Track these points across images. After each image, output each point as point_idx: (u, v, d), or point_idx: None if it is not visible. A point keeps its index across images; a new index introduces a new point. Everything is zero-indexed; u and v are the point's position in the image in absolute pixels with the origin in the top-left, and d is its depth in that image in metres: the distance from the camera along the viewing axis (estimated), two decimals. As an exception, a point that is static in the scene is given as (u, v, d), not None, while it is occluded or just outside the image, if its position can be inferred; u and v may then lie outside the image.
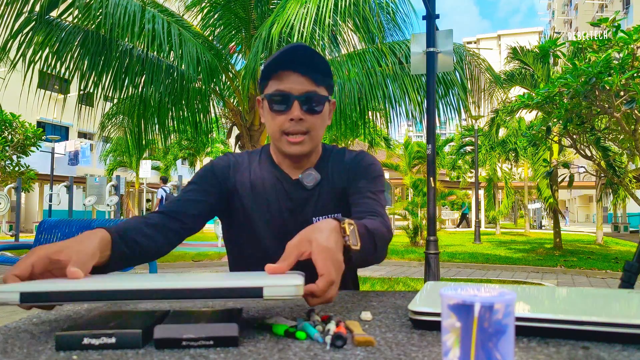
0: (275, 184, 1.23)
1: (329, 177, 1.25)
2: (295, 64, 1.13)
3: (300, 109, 1.12)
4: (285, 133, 1.15)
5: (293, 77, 1.13)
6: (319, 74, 1.15)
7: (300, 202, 1.22)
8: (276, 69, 1.14)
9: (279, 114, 1.14)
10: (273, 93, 1.14)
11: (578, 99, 4.47)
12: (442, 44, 4.99)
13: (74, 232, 5.52)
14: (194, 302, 0.63)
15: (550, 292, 0.89)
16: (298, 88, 1.13)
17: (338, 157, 1.29)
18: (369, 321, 0.72)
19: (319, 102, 1.15)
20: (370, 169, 1.25)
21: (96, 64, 5.95)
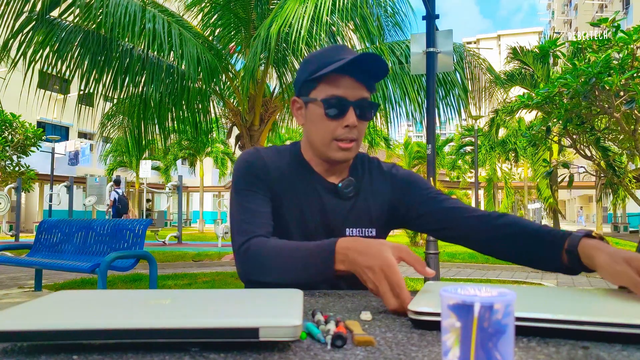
0: (309, 186, 1.18)
1: (368, 188, 1.21)
2: (353, 71, 1.09)
3: (355, 116, 1.10)
4: (336, 139, 1.12)
5: (348, 82, 1.10)
6: (372, 80, 1.13)
7: (334, 210, 1.17)
8: (330, 73, 1.09)
9: (333, 120, 1.11)
10: (329, 98, 1.10)
11: (578, 99, 4.47)
12: (442, 44, 4.99)
13: (74, 232, 5.52)
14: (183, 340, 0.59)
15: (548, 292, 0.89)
16: (354, 94, 1.10)
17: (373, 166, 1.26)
18: (368, 321, 0.72)
19: (371, 109, 1.13)
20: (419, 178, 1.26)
21: (97, 63, 5.95)
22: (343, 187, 1.17)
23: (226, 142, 23.88)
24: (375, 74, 1.12)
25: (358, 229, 1.18)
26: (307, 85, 1.15)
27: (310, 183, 1.18)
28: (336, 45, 1.16)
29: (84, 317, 0.61)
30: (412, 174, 1.27)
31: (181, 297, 0.72)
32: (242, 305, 0.67)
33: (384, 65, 1.09)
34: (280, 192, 1.16)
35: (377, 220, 1.20)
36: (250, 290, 0.85)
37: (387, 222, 1.22)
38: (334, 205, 1.18)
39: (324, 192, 1.18)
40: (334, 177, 1.20)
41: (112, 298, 0.72)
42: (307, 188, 1.18)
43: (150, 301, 0.69)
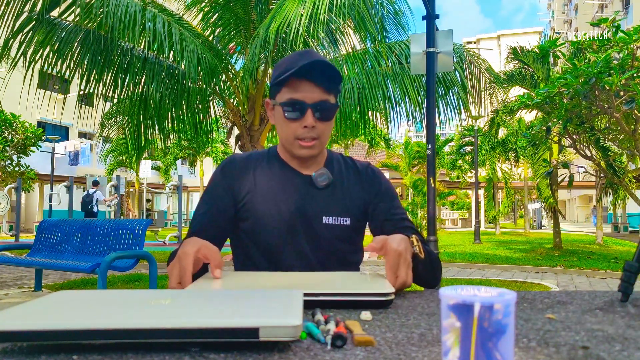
0: (285, 180, 1.26)
1: (342, 181, 1.29)
2: (310, 73, 1.16)
3: (313, 117, 1.18)
4: (297, 138, 1.21)
5: (307, 86, 1.17)
6: (330, 82, 1.19)
7: (309, 200, 1.24)
8: (290, 77, 1.17)
9: (293, 121, 1.20)
10: (288, 101, 1.19)
11: (578, 99, 4.47)
12: (442, 44, 4.99)
13: (74, 232, 5.51)
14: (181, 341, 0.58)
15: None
16: (312, 97, 1.17)
17: (348, 164, 1.35)
18: (369, 321, 0.72)
19: (330, 110, 1.21)
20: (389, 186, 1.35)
21: (97, 63, 5.95)
22: (317, 176, 1.26)
23: (226, 142, 23.89)
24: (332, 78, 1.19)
25: (334, 217, 1.24)
26: (274, 89, 1.24)
27: (285, 177, 1.27)
28: (303, 50, 1.25)
29: (84, 317, 0.61)
30: (386, 183, 1.35)
31: (181, 297, 0.72)
32: (242, 305, 0.67)
33: (335, 72, 1.18)
34: (255, 190, 1.25)
35: (352, 211, 1.27)
36: (250, 290, 0.85)
37: (361, 215, 1.29)
38: (309, 195, 1.25)
39: (299, 183, 1.26)
40: (308, 170, 1.28)
41: (112, 298, 0.72)
42: (283, 182, 1.26)
43: (150, 301, 0.69)
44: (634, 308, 0.82)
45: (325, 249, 1.23)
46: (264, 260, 1.24)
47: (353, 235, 1.27)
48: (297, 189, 1.25)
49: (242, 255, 1.30)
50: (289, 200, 1.23)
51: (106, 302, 0.70)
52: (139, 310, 0.65)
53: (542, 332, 0.66)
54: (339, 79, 1.21)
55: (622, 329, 0.68)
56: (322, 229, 1.23)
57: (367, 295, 0.82)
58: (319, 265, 1.23)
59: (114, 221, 5.33)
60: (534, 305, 0.84)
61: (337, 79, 1.20)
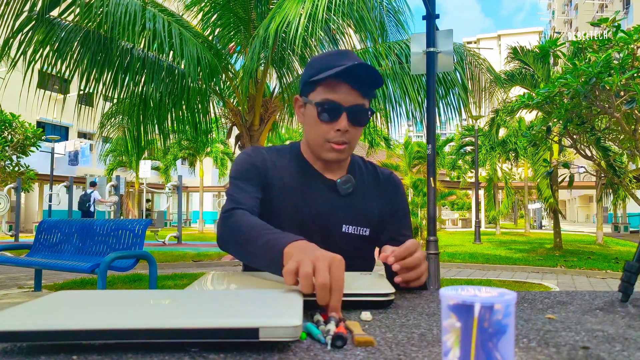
0: (307, 182, 1.22)
1: (363, 189, 1.25)
2: (350, 77, 1.13)
3: (347, 121, 1.14)
4: (328, 141, 1.16)
5: (344, 88, 1.13)
6: (368, 87, 1.16)
7: (331, 206, 1.20)
8: (328, 77, 1.13)
9: (326, 123, 1.15)
10: (323, 102, 1.14)
11: (578, 99, 4.47)
12: (442, 44, 4.99)
13: (74, 232, 5.51)
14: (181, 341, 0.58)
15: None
16: (347, 99, 1.13)
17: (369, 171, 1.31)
18: (369, 321, 0.72)
19: (365, 116, 1.17)
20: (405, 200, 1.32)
21: (97, 63, 5.96)
22: (341, 183, 1.21)
23: (226, 142, 23.88)
24: (370, 83, 1.16)
25: (354, 226, 1.21)
26: (307, 87, 1.19)
27: (308, 179, 1.22)
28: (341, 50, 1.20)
29: (83, 318, 0.61)
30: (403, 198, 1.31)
31: (181, 297, 0.72)
32: (242, 306, 0.67)
33: (378, 77, 1.13)
34: (276, 187, 1.19)
35: (372, 221, 1.23)
36: (250, 290, 0.85)
37: (378, 226, 1.25)
38: (331, 202, 1.21)
39: (322, 188, 1.21)
40: (332, 175, 1.24)
41: (111, 298, 0.72)
42: (305, 184, 1.21)
43: (150, 301, 0.69)
44: (635, 308, 0.82)
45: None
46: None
47: (370, 245, 1.24)
48: (319, 194, 1.20)
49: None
50: (310, 203, 1.19)
51: (106, 302, 0.70)
52: (139, 310, 0.65)
53: (543, 332, 0.66)
54: (380, 84, 1.16)
55: (623, 329, 0.68)
56: (341, 238, 1.20)
57: (367, 296, 0.82)
58: None
59: (114, 221, 5.33)
60: (534, 306, 0.84)
61: (378, 84, 1.15)
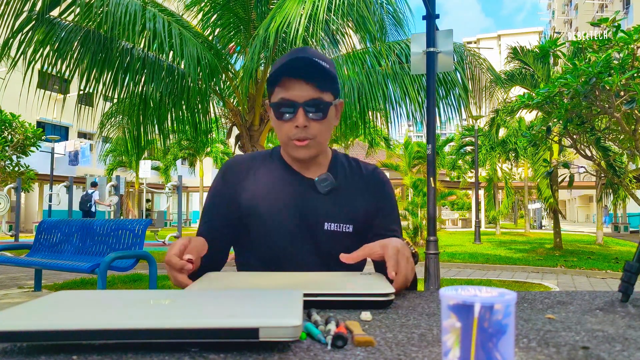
0: (286, 183, 1.23)
1: (346, 186, 1.25)
2: (300, 72, 1.13)
3: (304, 117, 1.14)
4: (291, 139, 1.17)
5: (298, 84, 1.14)
6: (323, 80, 1.15)
7: (311, 205, 1.21)
8: (281, 76, 1.15)
9: (285, 122, 1.16)
10: (278, 101, 1.15)
11: (578, 99, 4.47)
12: (442, 44, 4.99)
13: (74, 232, 5.51)
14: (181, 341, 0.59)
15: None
16: (303, 95, 1.13)
17: (353, 167, 1.30)
18: (369, 321, 0.72)
19: (324, 109, 1.16)
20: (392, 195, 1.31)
21: (97, 63, 5.96)
22: (319, 181, 1.22)
23: (226, 142, 23.88)
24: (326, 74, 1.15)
25: (336, 224, 1.21)
26: (269, 90, 1.21)
27: (287, 180, 1.24)
28: (299, 47, 1.22)
29: (83, 318, 0.61)
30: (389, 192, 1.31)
31: (181, 297, 0.72)
32: (242, 306, 0.67)
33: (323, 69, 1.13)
34: (255, 193, 1.22)
35: (355, 217, 1.23)
36: (250, 290, 0.85)
37: (363, 222, 1.24)
38: (311, 200, 1.21)
39: (302, 187, 1.23)
40: (311, 173, 1.25)
41: (111, 298, 0.72)
42: (285, 186, 1.23)
43: (150, 301, 0.69)
44: (635, 308, 0.82)
45: (326, 256, 1.20)
46: (263, 263, 1.21)
47: (355, 242, 1.23)
48: (299, 193, 1.22)
49: (243, 258, 1.28)
50: (290, 204, 1.20)
51: (106, 302, 0.70)
52: (139, 310, 0.65)
53: (543, 332, 0.66)
54: (332, 76, 1.17)
55: (623, 329, 0.68)
56: (324, 236, 1.20)
57: (367, 296, 0.82)
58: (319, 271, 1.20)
59: (114, 221, 5.33)
60: (534, 306, 0.84)
61: (328, 74, 1.15)
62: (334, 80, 1.19)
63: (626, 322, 0.72)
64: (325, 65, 1.14)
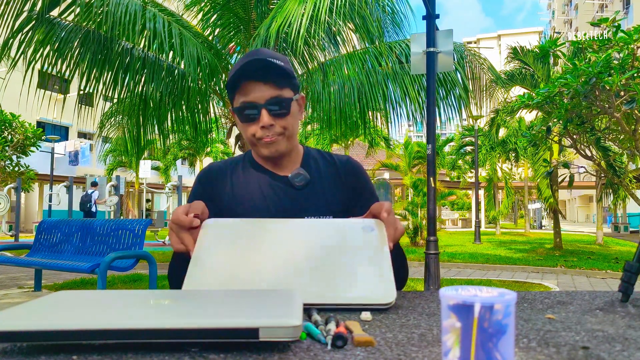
0: (261, 184, 1.25)
1: (320, 178, 1.28)
2: (256, 74, 1.15)
3: (268, 116, 1.16)
4: (259, 139, 1.19)
5: (256, 86, 1.16)
6: (280, 78, 1.17)
7: (288, 201, 1.23)
8: (239, 81, 1.17)
9: (251, 124, 1.18)
10: (240, 106, 1.18)
11: (578, 99, 4.47)
12: (442, 44, 4.99)
13: (74, 232, 5.51)
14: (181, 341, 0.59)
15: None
16: (262, 96, 1.15)
17: (326, 159, 1.33)
18: (369, 321, 0.72)
19: (286, 105, 1.18)
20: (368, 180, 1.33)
21: (97, 62, 5.95)
22: (293, 177, 1.24)
23: (226, 142, 23.87)
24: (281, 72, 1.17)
25: (315, 216, 1.22)
26: (230, 96, 1.23)
27: (261, 180, 1.26)
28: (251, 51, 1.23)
29: (83, 318, 0.61)
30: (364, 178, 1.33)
31: (181, 297, 0.72)
32: (242, 306, 0.67)
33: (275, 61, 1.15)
34: (230, 196, 1.24)
35: (333, 208, 1.25)
36: (250, 290, 0.85)
37: (342, 211, 1.26)
38: (288, 196, 1.24)
39: (277, 185, 1.25)
40: (284, 171, 1.27)
41: (111, 298, 0.73)
42: (260, 185, 1.25)
43: (150, 301, 0.69)
44: (634, 308, 0.82)
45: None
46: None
47: None
48: (275, 191, 1.24)
49: None
50: (268, 203, 1.22)
51: (106, 302, 0.70)
52: (139, 310, 0.65)
53: (543, 332, 0.66)
54: (288, 72, 1.18)
55: (623, 329, 0.68)
56: None
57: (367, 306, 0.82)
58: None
59: (114, 221, 5.33)
60: (534, 306, 0.84)
61: (282, 71, 1.16)
62: (291, 76, 1.20)
63: (626, 322, 0.72)
64: (280, 64, 1.16)
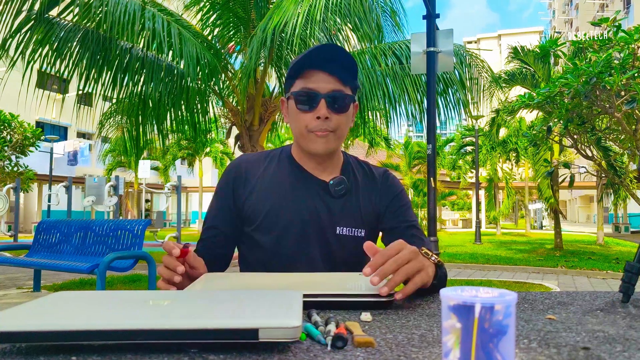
0: (298, 184, 1.21)
1: (357, 189, 1.24)
2: (323, 63, 1.13)
3: (326, 108, 1.13)
4: (310, 131, 1.15)
5: (320, 75, 1.13)
6: (345, 73, 1.15)
7: (324, 208, 1.19)
8: (303, 68, 1.14)
9: (305, 113, 1.15)
10: (299, 91, 1.15)
11: (579, 99, 4.47)
12: (442, 44, 5.00)
13: (73, 233, 5.51)
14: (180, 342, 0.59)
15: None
16: (325, 86, 1.13)
17: (365, 170, 1.29)
18: (369, 322, 0.72)
19: (345, 102, 1.16)
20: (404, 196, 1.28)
21: (96, 62, 5.96)
22: (334, 184, 1.20)
23: (225, 142, 23.88)
24: (349, 67, 1.16)
25: (348, 228, 1.19)
26: (288, 84, 1.20)
27: (299, 182, 1.21)
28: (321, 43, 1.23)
29: (82, 318, 0.61)
30: (401, 190, 1.29)
31: (180, 297, 0.72)
32: (241, 306, 0.67)
33: (347, 55, 1.14)
34: (261, 193, 1.20)
35: (367, 221, 1.21)
36: (249, 291, 0.85)
37: (376, 225, 1.24)
38: (324, 203, 1.20)
39: (315, 189, 1.20)
40: (325, 175, 1.22)
41: (110, 299, 0.72)
42: (296, 185, 1.20)
43: (149, 302, 0.69)
44: (635, 309, 0.82)
45: (337, 260, 1.19)
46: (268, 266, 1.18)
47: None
48: (311, 195, 1.19)
49: (247, 259, 1.25)
50: (302, 206, 1.18)
51: (105, 302, 0.70)
52: (138, 311, 0.65)
53: (543, 333, 0.66)
54: (353, 68, 1.16)
55: (623, 329, 0.68)
56: (335, 240, 1.18)
57: (368, 297, 0.82)
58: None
59: (113, 221, 5.33)
60: (535, 306, 0.84)
61: (350, 67, 1.15)
62: (355, 77, 1.19)
63: (627, 323, 0.72)
64: (350, 57, 1.14)
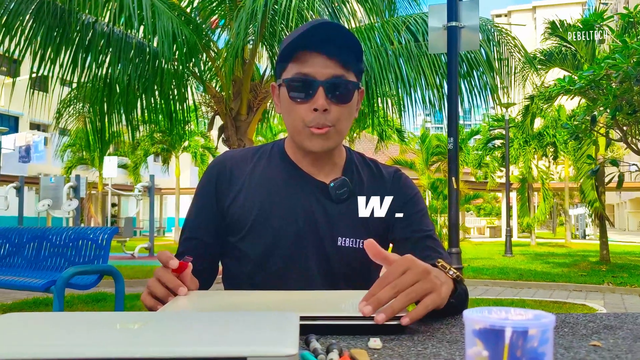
0: (292, 186, 1.20)
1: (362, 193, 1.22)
2: (320, 43, 1.10)
3: (325, 98, 1.11)
4: (307, 125, 1.13)
5: (318, 59, 1.11)
6: (348, 55, 1.13)
7: (323, 214, 1.18)
8: (296, 49, 1.12)
9: (300, 103, 1.13)
10: (293, 77, 1.12)
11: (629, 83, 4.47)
12: (466, 17, 4.99)
13: (25, 243, 5.51)
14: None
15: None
16: (323, 72, 1.11)
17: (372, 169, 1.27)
18: (378, 350, 0.72)
19: (348, 90, 1.14)
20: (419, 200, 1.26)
21: (52, 40, 5.95)
22: (335, 187, 1.18)
23: (207, 135, 23.89)
24: (352, 49, 1.13)
25: (351, 238, 1.18)
26: (279, 68, 1.18)
27: (293, 183, 1.20)
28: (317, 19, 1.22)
29: (36, 346, 0.61)
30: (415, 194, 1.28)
31: (154, 320, 0.72)
32: (228, 330, 0.67)
33: (348, 34, 1.12)
34: (248, 196, 1.19)
35: (374, 231, 1.19)
36: (236, 312, 0.85)
37: (385, 234, 1.22)
38: (323, 209, 1.18)
39: (312, 192, 1.19)
40: (323, 175, 1.21)
41: (70, 322, 0.72)
42: (289, 187, 1.19)
43: (117, 325, 0.70)
44: (696, 334, 0.82)
45: (337, 276, 1.18)
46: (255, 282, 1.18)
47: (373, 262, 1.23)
48: (308, 199, 1.18)
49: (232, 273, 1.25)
50: (297, 212, 1.17)
51: (64, 326, 0.70)
52: (103, 336, 0.65)
53: (586, 362, 0.66)
54: (357, 49, 1.14)
55: (682, 358, 0.68)
56: (336, 252, 1.18)
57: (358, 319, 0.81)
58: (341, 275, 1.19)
59: (73, 229, 5.33)
60: (577, 331, 0.84)
61: (353, 48, 1.13)
62: (361, 59, 1.16)
63: (686, 351, 0.72)
64: (352, 36, 1.12)
